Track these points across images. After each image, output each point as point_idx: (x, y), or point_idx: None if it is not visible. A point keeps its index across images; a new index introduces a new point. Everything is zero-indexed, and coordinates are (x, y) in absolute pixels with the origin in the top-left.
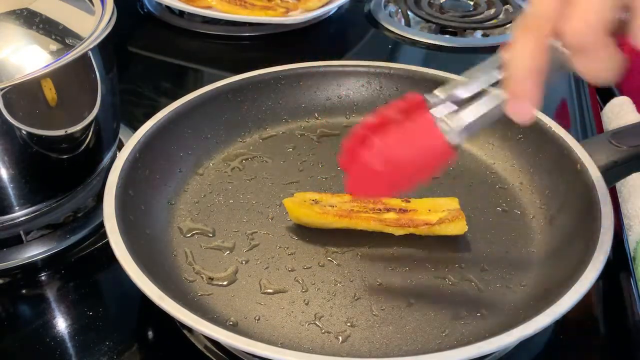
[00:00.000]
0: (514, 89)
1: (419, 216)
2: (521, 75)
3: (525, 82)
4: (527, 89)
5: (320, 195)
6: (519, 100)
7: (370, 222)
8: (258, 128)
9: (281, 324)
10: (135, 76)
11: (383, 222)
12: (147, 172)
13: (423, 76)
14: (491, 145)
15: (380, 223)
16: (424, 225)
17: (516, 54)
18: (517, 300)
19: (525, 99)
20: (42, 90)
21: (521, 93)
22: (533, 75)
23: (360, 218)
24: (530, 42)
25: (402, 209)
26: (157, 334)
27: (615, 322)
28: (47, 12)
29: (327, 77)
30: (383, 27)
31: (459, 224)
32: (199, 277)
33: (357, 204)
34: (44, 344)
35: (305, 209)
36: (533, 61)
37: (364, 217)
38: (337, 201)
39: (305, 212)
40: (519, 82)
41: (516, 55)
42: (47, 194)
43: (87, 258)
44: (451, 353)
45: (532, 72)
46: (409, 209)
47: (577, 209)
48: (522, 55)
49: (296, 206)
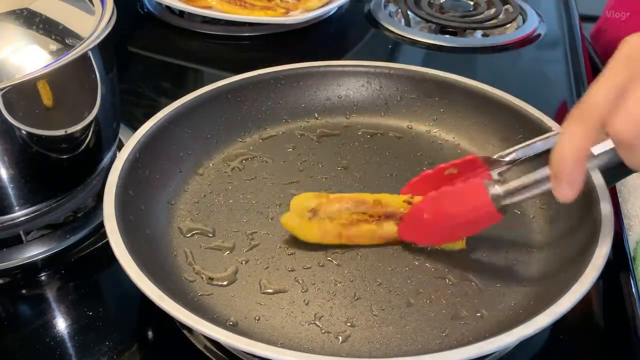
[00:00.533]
0: (559, 172)
1: None
2: (566, 161)
3: (569, 168)
4: (570, 174)
5: (319, 200)
6: (562, 183)
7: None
8: (258, 128)
9: (281, 324)
10: (135, 76)
11: (382, 239)
12: (147, 172)
13: (423, 76)
14: (491, 145)
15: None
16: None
17: (564, 140)
18: (517, 300)
19: (568, 183)
20: (42, 90)
21: (565, 177)
22: (577, 163)
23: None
24: (580, 131)
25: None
26: (157, 334)
27: (615, 322)
28: (47, 12)
29: (327, 77)
30: (383, 27)
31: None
32: (199, 277)
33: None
34: (44, 344)
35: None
36: (579, 151)
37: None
38: (337, 208)
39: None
40: (563, 168)
41: (564, 142)
42: (47, 194)
43: (87, 258)
44: (451, 353)
45: (576, 160)
46: None
47: (577, 209)
48: (570, 143)
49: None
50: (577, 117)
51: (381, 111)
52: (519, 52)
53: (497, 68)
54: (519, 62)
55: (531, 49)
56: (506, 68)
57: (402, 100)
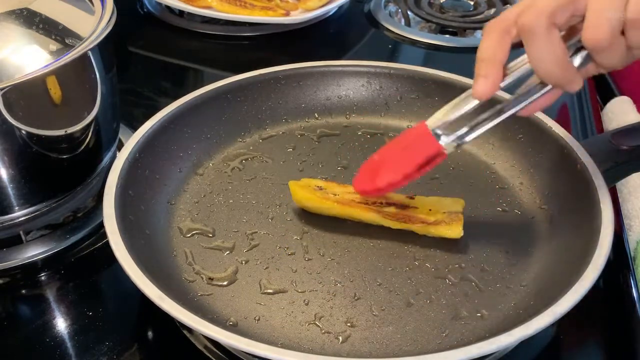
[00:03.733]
0: (476, 70)
1: (418, 214)
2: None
3: (484, 64)
4: (485, 69)
5: (327, 183)
6: (479, 77)
7: (368, 213)
8: (258, 128)
9: (281, 324)
10: (135, 76)
11: (381, 214)
12: (147, 172)
13: (423, 76)
14: (491, 145)
15: (378, 215)
16: (420, 223)
17: (482, 44)
18: (517, 300)
19: (483, 77)
20: (42, 90)
21: (480, 72)
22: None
23: (359, 207)
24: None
25: (404, 204)
26: (157, 334)
27: (615, 322)
28: (47, 12)
29: (327, 77)
30: (383, 27)
31: (455, 228)
32: (199, 277)
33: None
34: (44, 344)
35: (307, 192)
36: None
37: (364, 208)
38: (341, 191)
39: (307, 196)
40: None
41: (481, 45)
42: (47, 194)
43: (87, 258)
44: (451, 353)
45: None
46: (410, 205)
47: (577, 209)
48: (486, 44)
49: (300, 189)
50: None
51: (381, 111)
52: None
53: None
54: None
55: None
56: None
57: (402, 100)
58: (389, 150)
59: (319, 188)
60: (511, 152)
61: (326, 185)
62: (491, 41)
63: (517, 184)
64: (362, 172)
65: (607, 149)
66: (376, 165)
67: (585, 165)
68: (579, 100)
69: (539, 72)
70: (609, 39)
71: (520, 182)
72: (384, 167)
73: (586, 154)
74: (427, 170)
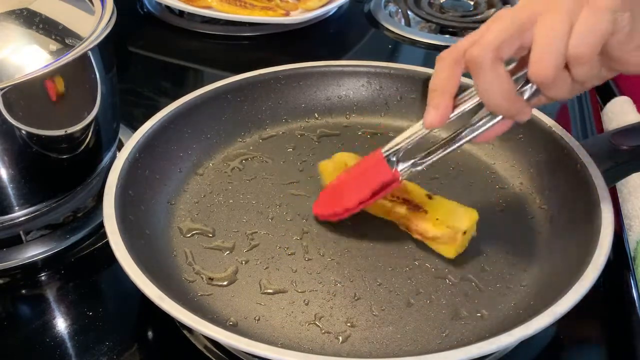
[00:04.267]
0: (428, 99)
1: (421, 223)
2: (433, 90)
3: (434, 94)
4: (435, 100)
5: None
6: (429, 107)
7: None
8: (258, 128)
9: (281, 324)
10: (135, 76)
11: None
12: (147, 172)
13: (423, 76)
14: (491, 145)
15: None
16: (418, 234)
17: (434, 76)
18: (517, 300)
19: (434, 107)
20: (42, 90)
21: (432, 102)
22: (441, 91)
23: None
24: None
25: (417, 204)
26: (157, 334)
27: (615, 322)
28: (47, 12)
29: (327, 77)
30: (383, 27)
31: (450, 249)
32: (198, 277)
33: None
34: (44, 344)
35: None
36: (444, 82)
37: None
38: None
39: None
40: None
41: (434, 77)
42: (47, 194)
43: (87, 258)
44: (451, 353)
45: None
46: (423, 207)
47: (577, 209)
48: (438, 76)
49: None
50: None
51: (381, 111)
52: None
53: None
54: None
55: None
56: None
57: (402, 100)
58: (347, 177)
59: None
60: (511, 152)
61: None
62: (442, 72)
63: (517, 184)
64: (322, 197)
65: (607, 149)
66: (334, 191)
67: (585, 165)
68: (579, 100)
69: (488, 105)
70: (553, 74)
71: (520, 182)
72: (341, 192)
73: (586, 154)
74: (382, 195)
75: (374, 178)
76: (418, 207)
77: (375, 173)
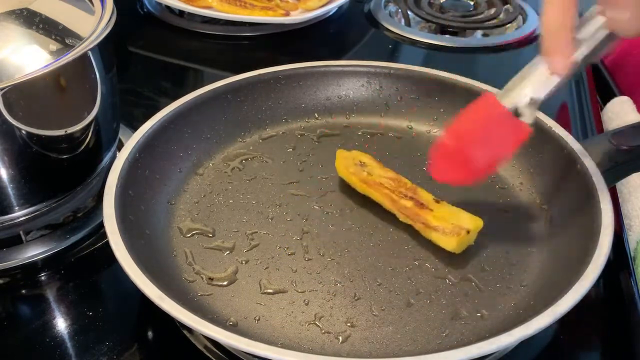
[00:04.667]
0: (547, 44)
1: (426, 215)
2: (551, 31)
3: (555, 36)
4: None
5: (372, 160)
6: (552, 54)
7: (384, 198)
8: (258, 128)
9: (281, 324)
10: (135, 76)
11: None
12: (147, 172)
13: (423, 76)
14: None
15: (393, 204)
16: (421, 223)
17: (547, 15)
18: (517, 300)
19: (557, 52)
20: (42, 90)
21: (553, 47)
22: (561, 31)
23: (379, 190)
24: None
25: (423, 204)
26: (157, 334)
27: (615, 322)
28: (47, 12)
29: (327, 77)
30: (383, 27)
31: (451, 240)
32: (198, 277)
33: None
34: (44, 344)
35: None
36: (561, 18)
37: (383, 193)
38: (378, 173)
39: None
40: (550, 38)
41: (547, 16)
42: (47, 194)
43: (87, 258)
44: (451, 353)
45: (560, 28)
46: (428, 207)
47: (577, 210)
48: (552, 14)
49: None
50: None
51: (381, 111)
52: (519, 52)
53: (497, 68)
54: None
55: (531, 49)
56: (506, 68)
57: (402, 100)
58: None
59: (361, 164)
60: None
61: (370, 162)
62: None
63: (517, 184)
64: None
65: (607, 149)
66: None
67: (585, 165)
68: (579, 100)
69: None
70: None
71: (520, 182)
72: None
73: (586, 154)
74: None
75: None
76: (424, 205)
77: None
